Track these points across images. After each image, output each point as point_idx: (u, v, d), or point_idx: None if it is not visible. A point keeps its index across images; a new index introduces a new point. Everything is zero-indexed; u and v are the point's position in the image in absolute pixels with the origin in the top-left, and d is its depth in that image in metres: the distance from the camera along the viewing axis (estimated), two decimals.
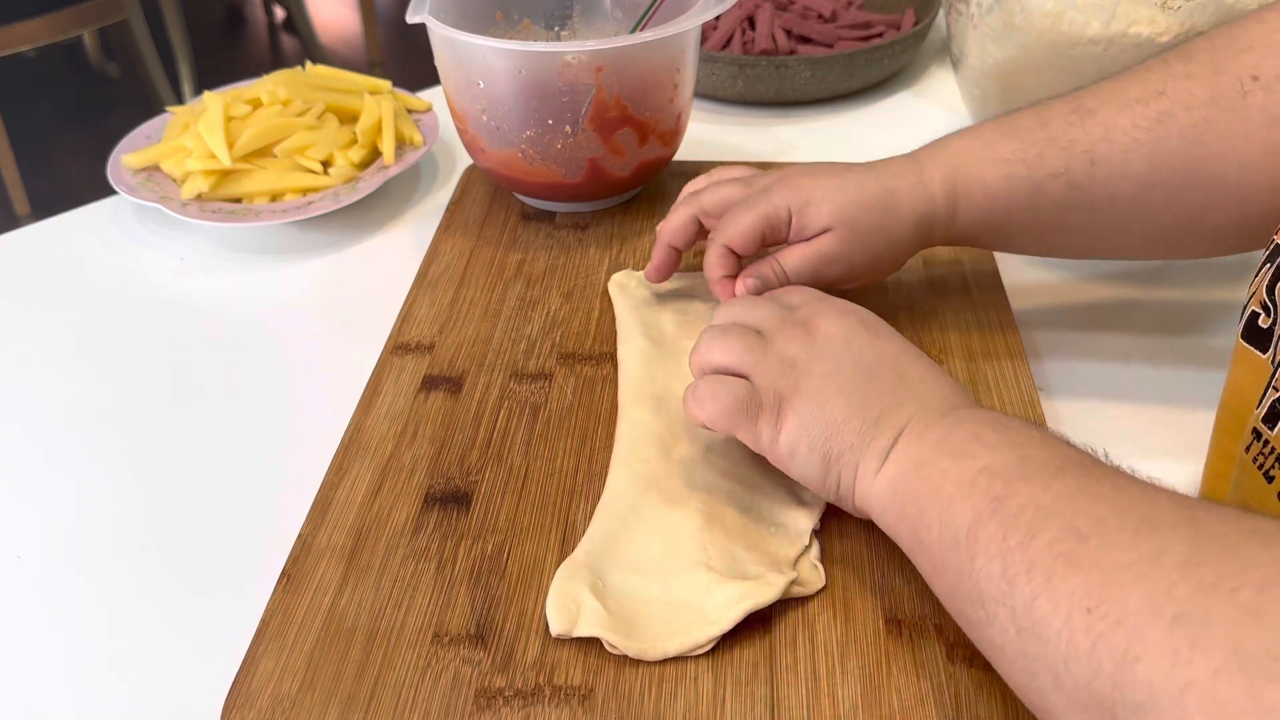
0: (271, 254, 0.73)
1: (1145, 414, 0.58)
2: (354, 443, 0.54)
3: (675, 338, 0.59)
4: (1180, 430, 0.55)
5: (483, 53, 0.64)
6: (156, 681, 0.46)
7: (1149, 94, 0.51)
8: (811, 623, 0.45)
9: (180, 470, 0.56)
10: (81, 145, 2.54)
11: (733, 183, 0.58)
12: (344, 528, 0.49)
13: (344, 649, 0.44)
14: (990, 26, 0.67)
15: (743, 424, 0.46)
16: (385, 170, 0.75)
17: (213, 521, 0.53)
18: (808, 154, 0.81)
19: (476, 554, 0.48)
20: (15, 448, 0.58)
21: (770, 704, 0.42)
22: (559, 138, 0.66)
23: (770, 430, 0.46)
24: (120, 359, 0.64)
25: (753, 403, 0.46)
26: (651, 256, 0.60)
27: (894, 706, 0.41)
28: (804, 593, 0.45)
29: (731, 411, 0.46)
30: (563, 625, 0.43)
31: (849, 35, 0.91)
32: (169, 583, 0.50)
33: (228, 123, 0.74)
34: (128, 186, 0.74)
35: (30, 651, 0.47)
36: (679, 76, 0.68)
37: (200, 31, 2.84)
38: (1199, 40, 0.52)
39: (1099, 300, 0.66)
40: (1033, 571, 0.34)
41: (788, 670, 0.43)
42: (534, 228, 0.71)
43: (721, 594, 0.44)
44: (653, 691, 0.42)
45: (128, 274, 0.72)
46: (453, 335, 0.61)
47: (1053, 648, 0.32)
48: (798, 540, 0.47)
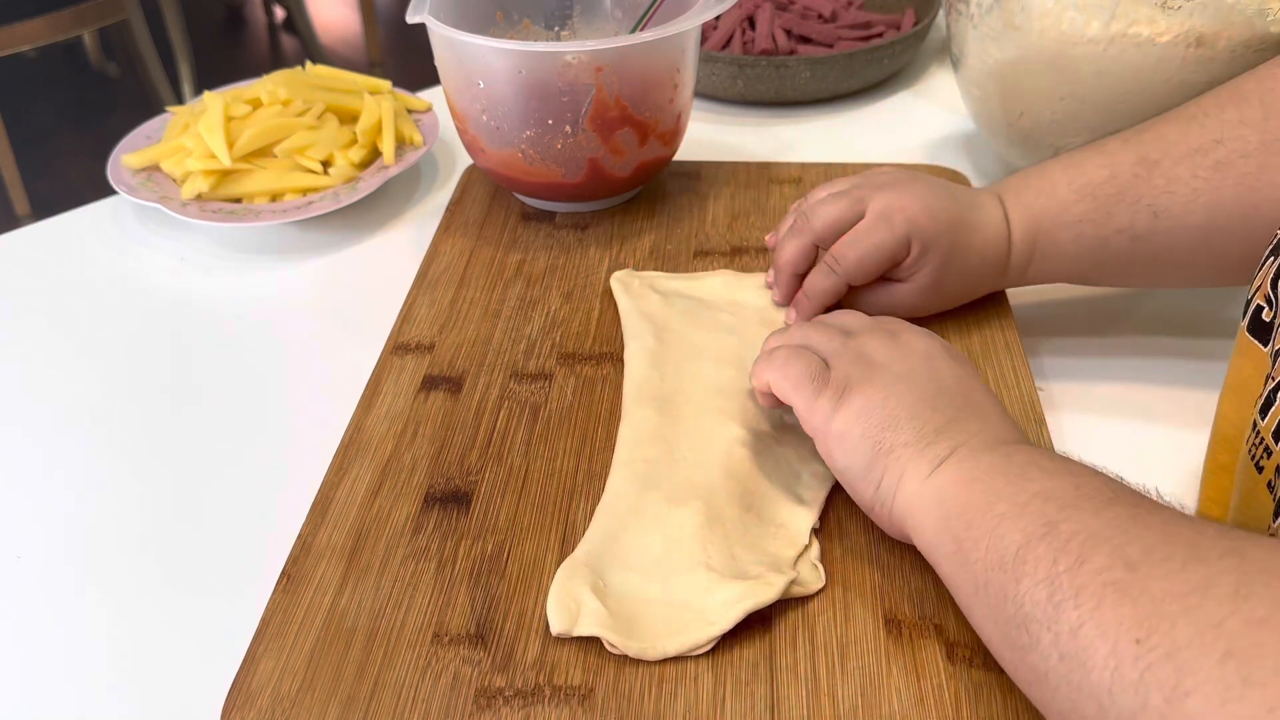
0: (271, 254, 0.73)
1: (1145, 415, 0.58)
2: (354, 443, 0.54)
3: (683, 337, 0.59)
4: (1181, 429, 0.55)
5: (483, 53, 0.64)
6: (156, 681, 0.46)
7: (1207, 143, 0.52)
8: (811, 623, 0.45)
9: (180, 470, 0.56)
10: (81, 145, 2.54)
11: (836, 198, 0.59)
12: (344, 528, 0.49)
13: (344, 649, 0.44)
14: (990, 26, 0.67)
15: (805, 392, 0.46)
16: (385, 170, 0.75)
17: (213, 521, 0.53)
18: (808, 154, 0.81)
19: (476, 554, 0.48)
20: (15, 447, 0.58)
21: (770, 704, 0.42)
22: (559, 138, 0.66)
23: (829, 407, 0.46)
24: (120, 359, 0.64)
25: (821, 377, 0.46)
26: (777, 283, 0.61)
27: (894, 707, 0.41)
28: (804, 593, 0.45)
29: (799, 377, 0.47)
30: (563, 624, 0.43)
31: (849, 35, 0.91)
32: (169, 582, 0.50)
33: (228, 123, 0.74)
34: (128, 186, 0.74)
35: (30, 651, 0.47)
36: (679, 76, 0.68)
37: (200, 31, 2.84)
38: (1249, 80, 0.53)
39: (1099, 300, 0.66)
40: (1080, 597, 0.34)
41: (788, 670, 0.43)
42: (534, 228, 0.71)
43: (721, 594, 0.44)
44: (653, 691, 0.42)
45: (128, 274, 0.72)
46: (453, 335, 0.61)
47: (1097, 676, 0.32)
48: (798, 540, 0.47)
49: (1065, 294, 0.66)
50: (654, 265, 0.67)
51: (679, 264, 0.67)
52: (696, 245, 0.69)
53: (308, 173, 0.74)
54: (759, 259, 0.67)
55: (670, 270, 0.66)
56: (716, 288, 0.64)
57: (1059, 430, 0.55)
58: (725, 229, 0.70)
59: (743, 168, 0.76)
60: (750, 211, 0.72)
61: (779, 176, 0.75)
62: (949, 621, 0.44)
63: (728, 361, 0.57)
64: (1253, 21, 0.60)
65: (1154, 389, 0.59)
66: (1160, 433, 0.56)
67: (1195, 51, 0.61)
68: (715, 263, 0.67)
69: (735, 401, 0.54)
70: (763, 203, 0.73)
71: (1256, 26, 0.60)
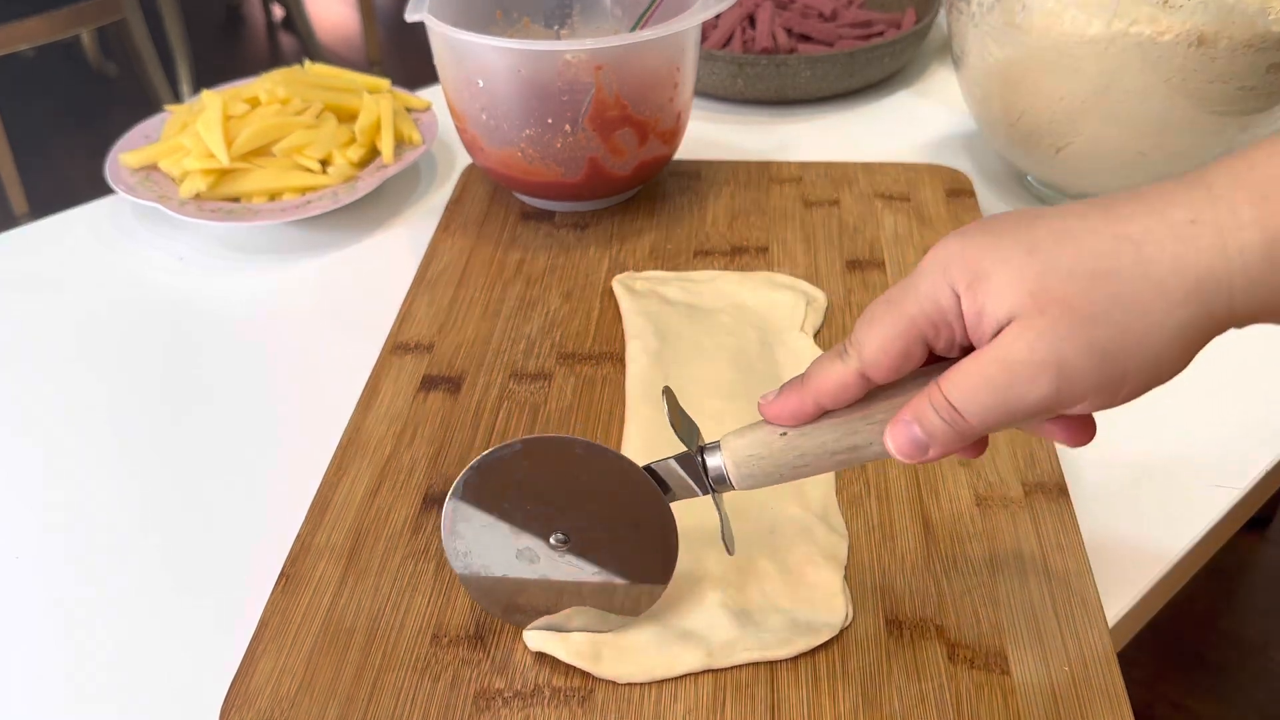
0: (270, 253, 0.73)
1: (1146, 414, 0.58)
2: (353, 443, 0.54)
3: (685, 337, 0.59)
4: (1182, 426, 0.55)
5: (482, 51, 0.64)
6: (156, 681, 0.46)
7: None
8: None
9: (178, 470, 0.56)
10: (80, 144, 2.53)
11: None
12: (343, 528, 0.49)
13: (343, 649, 0.44)
14: (991, 25, 0.67)
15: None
16: (384, 169, 0.75)
17: (211, 521, 0.53)
18: (808, 153, 0.81)
19: None
20: (14, 447, 0.58)
21: (770, 704, 0.41)
22: (558, 136, 0.66)
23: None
24: (118, 358, 0.64)
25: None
26: (782, 396, 0.39)
27: (894, 707, 0.41)
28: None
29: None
30: (537, 646, 0.43)
31: (849, 34, 0.91)
32: (168, 582, 0.50)
33: (226, 122, 0.74)
34: (126, 185, 0.73)
35: (30, 651, 0.47)
36: (679, 75, 0.68)
37: (199, 30, 2.83)
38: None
39: None
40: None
41: (788, 671, 0.43)
42: (533, 227, 0.71)
43: (728, 633, 0.43)
44: (653, 694, 0.42)
45: (125, 273, 0.71)
46: (452, 335, 0.61)
47: None
48: (834, 606, 0.45)
49: None
50: (654, 265, 0.67)
51: (679, 263, 0.67)
52: (696, 245, 0.69)
53: (306, 172, 0.74)
54: (759, 258, 0.67)
55: (670, 269, 0.66)
56: (717, 288, 0.63)
57: None
58: (725, 228, 0.70)
59: (743, 167, 0.76)
60: (750, 211, 0.72)
61: (779, 175, 0.75)
62: (949, 622, 0.44)
63: (728, 362, 0.57)
64: (1254, 20, 0.60)
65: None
66: (1162, 429, 0.56)
67: (1197, 50, 0.60)
68: (715, 262, 0.67)
69: (736, 404, 0.54)
70: (763, 202, 0.72)
71: (1258, 25, 0.60)
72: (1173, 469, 0.54)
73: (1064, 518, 0.49)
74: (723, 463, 0.40)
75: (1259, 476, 0.54)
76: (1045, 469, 0.51)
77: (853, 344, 0.37)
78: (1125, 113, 0.64)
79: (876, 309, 0.37)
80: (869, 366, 0.36)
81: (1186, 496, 0.52)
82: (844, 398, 0.37)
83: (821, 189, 0.74)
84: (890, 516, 0.49)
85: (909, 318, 0.35)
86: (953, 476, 0.51)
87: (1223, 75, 0.61)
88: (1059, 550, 0.47)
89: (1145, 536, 0.50)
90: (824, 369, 0.37)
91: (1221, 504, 0.52)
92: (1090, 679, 0.42)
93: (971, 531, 0.48)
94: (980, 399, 0.34)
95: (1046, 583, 0.46)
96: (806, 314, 0.61)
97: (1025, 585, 0.46)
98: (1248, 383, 0.59)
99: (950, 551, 0.47)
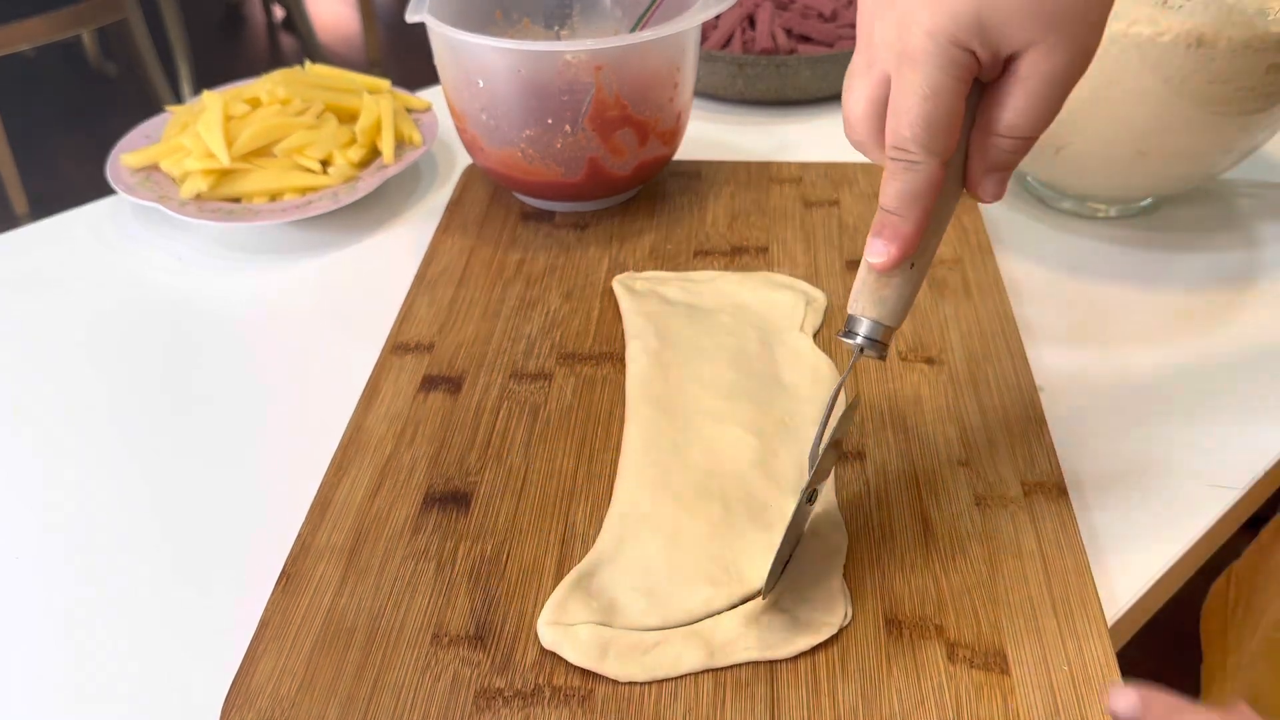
0: (270, 254, 0.73)
1: (1146, 414, 0.58)
2: (353, 443, 0.54)
3: (685, 337, 0.59)
4: (1182, 426, 0.55)
5: (482, 52, 0.64)
6: (156, 681, 0.46)
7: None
8: None
9: (178, 470, 0.56)
10: (80, 144, 2.53)
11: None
12: (343, 528, 0.49)
13: (343, 649, 0.44)
14: None
15: None
16: (384, 170, 0.75)
17: (212, 521, 0.53)
18: (808, 153, 0.81)
19: (476, 554, 0.48)
20: (13, 447, 0.58)
21: (770, 704, 0.41)
22: (558, 137, 0.66)
23: None
24: (118, 358, 0.64)
25: None
26: (899, 237, 0.41)
27: (894, 707, 0.41)
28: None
29: None
30: (551, 643, 0.44)
31: (849, 34, 0.91)
32: (168, 582, 0.50)
33: (227, 122, 0.74)
34: (126, 186, 0.73)
35: (30, 651, 0.47)
36: (679, 75, 0.68)
37: (199, 31, 2.83)
38: None
39: (1099, 300, 0.66)
40: None
41: (787, 670, 0.43)
42: (533, 227, 0.71)
43: (730, 630, 0.44)
44: (653, 693, 0.42)
45: (126, 274, 0.71)
46: (452, 335, 0.61)
47: None
48: (835, 609, 0.45)
49: (1066, 294, 0.66)
50: (654, 265, 0.67)
51: (679, 263, 0.67)
52: (696, 245, 0.69)
53: (307, 172, 0.74)
54: (759, 259, 0.67)
55: (670, 269, 0.66)
56: (717, 288, 0.63)
57: (1059, 430, 0.55)
58: (725, 229, 0.70)
59: (743, 167, 0.76)
60: (750, 211, 0.72)
61: (779, 176, 0.75)
62: (949, 622, 0.44)
63: (728, 362, 0.57)
64: (1253, 21, 0.60)
65: (1154, 390, 0.59)
66: (1162, 429, 0.56)
67: (1196, 51, 0.61)
68: (715, 262, 0.67)
69: (736, 404, 0.54)
70: (763, 202, 0.73)
71: (1257, 26, 0.60)
72: (1173, 469, 0.54)
73: (1064, 517, 0.49)
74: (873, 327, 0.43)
75: (1258, 476, 0.54)
76: (1045, 469, 0.51)
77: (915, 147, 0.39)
78: (1125, 113, 0.64)
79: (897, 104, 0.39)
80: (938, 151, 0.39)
81: (1186, 496, 0.52)
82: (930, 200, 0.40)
83: (821, 189, 0.74)
84: (889, 516, 0.49)
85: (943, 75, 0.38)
86: (952, 476, 0.51)
87: (1222, 76, 0.61)
88: (1059, 550, 0.47)
89: (1145, 536, 0.50)
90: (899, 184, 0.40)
91: (1221, 504, 0.52)
92: (1090, 679, 0.42)
93: (971, 531, 0.48)
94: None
95: (1046, 583, 0.46)
96: (806, 314, 0.61)
97: (1025, 585, 0.46)
98: (1247, 383, 0.59)
99: (950, 551, 0.47)
